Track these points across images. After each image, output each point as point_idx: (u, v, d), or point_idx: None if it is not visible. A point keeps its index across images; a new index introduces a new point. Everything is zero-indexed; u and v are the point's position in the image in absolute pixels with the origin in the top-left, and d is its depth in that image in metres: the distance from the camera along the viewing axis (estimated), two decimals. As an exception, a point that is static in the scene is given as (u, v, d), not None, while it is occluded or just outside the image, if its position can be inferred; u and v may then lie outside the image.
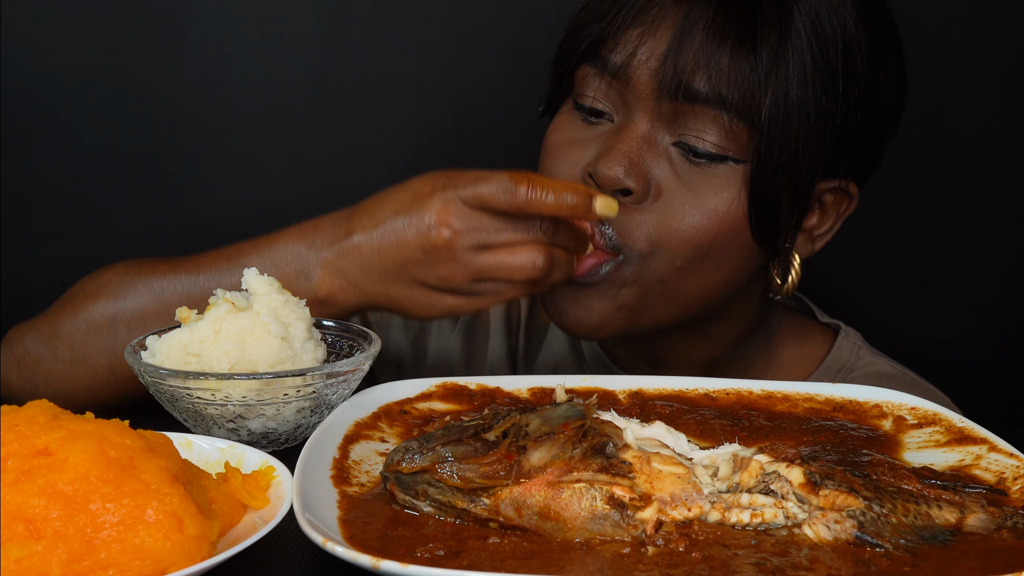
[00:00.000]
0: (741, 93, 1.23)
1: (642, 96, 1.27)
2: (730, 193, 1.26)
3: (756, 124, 1.24)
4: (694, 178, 1.26)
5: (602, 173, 1.26)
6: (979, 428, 1.10)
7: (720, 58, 1.23)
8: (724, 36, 1.23)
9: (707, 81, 1.23)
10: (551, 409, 0.98)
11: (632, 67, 1.27)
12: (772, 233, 1.30)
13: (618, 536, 0.90)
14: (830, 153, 1.29)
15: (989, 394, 1.95)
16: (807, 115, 1.25)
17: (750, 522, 0.92)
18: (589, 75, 1.32)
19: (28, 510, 0.82)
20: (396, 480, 0.94)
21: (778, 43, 1.24)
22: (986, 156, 1.92)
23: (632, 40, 1.27)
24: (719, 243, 1.27)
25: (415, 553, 0.86)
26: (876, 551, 0.89)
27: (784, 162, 1.25)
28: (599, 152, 1.29)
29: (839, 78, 1.26)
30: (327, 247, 1.28)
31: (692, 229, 1.26)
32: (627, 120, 1.29)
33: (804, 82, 1.24)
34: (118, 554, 0.82)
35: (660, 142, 1.28)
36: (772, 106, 1.23)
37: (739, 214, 1.27)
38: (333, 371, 1.13)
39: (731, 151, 1.25)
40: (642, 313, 1.32)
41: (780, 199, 1.28)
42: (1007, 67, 1.89)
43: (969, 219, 1.94)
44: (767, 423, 1.14)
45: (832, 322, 1.52)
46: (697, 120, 1.25)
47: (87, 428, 0.87)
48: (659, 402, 1.18)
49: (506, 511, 0.91)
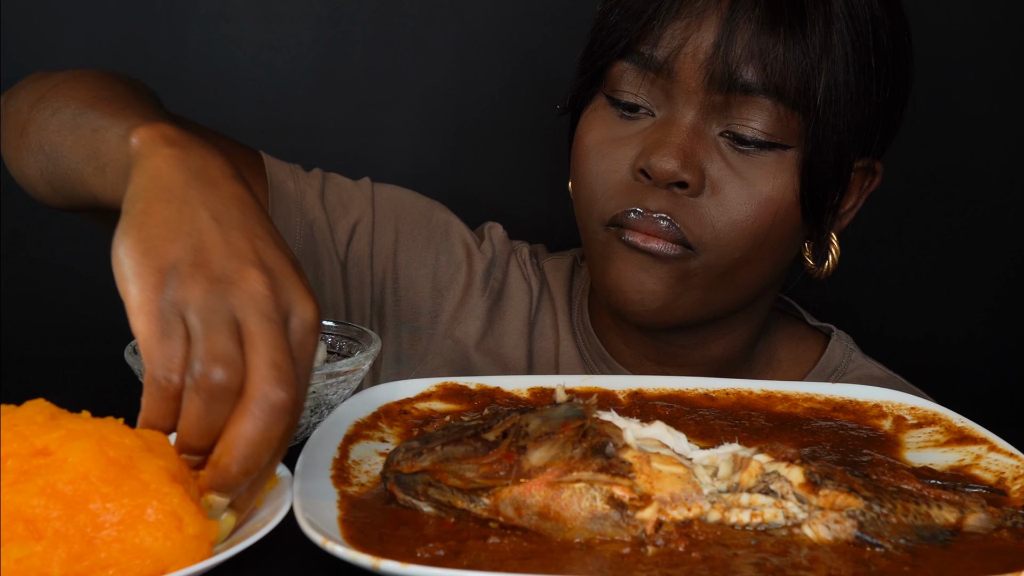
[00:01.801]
0: (797, 80, 1.24)
1: (689, 89, 1.26)
2: (783, 180, 1.27)
3: (811, 110, 1.25)
4: (745, 167, 1.27)
5: (657, 167, 1.25)
6: (979, 428, 1.10)
7: (775, 47, 1.23)
8: (776, 24, 1.23)
9: (761, 71, 1.24)
10: (551, 409, 0.98)
11: (678, 61, 1.26)
12: (819, 214, 1.32)
13: (618, 536, 0.90)
14: (866, 133, 1.31)
15: (989, 394, 1.95)
16: (851, 96, 1.27)
17: (750, 522, 0.92)
18: (627, 71, 1.30)
19: (28, 510, 0.81)
20: (396, 480, 0.94)
21: (824, 27, 1.25)
22: (984, 155, 1.92)
23: (676, 34, 1.26)
24: (775, 229, 1.28)
25: (415, 553, 0.86)
26: (876, 551, 0.89)
27: (835, 143, 1.27)
28: (646, 147, 1.28)
29: (872, 57, 1.28)
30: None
31: (751, 219, 1.27)
32: (673, 113, 1.28)
33: (847, 64, 1.26)
34: (118, 554, 0.81)
35: (708, 133, 1.28)
36: (825, 90, 1.25)
37: (792, 199, 1.28)
38: (333, 371, 1.13)
39: (779, 137, 1.26)
40: (701, 303, 1.33)
41: (828, 181, 1.29)
42: (1006, 66, 1.89)
43: (969, 219, 1.94)
44: (767, 423, 1.14)
45: (823, 326, 1.53)
46: (746, 109, 1.26)
47: (86, 428, 0.87)
48: (659, 402, 1.18)
49: (506, 511, 0.91)
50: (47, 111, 1.22)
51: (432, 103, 1.93)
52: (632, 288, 1.31)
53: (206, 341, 0.84)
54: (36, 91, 1.29)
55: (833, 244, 1.37)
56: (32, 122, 1.24)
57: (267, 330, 0.85)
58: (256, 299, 0.86)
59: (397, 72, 1.91)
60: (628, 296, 1.31)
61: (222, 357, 0.83)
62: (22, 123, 1.27)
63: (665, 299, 1.30)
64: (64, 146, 1.17)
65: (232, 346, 0.84)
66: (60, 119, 1.19)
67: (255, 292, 0.86)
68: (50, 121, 1.21)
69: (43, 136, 1.21)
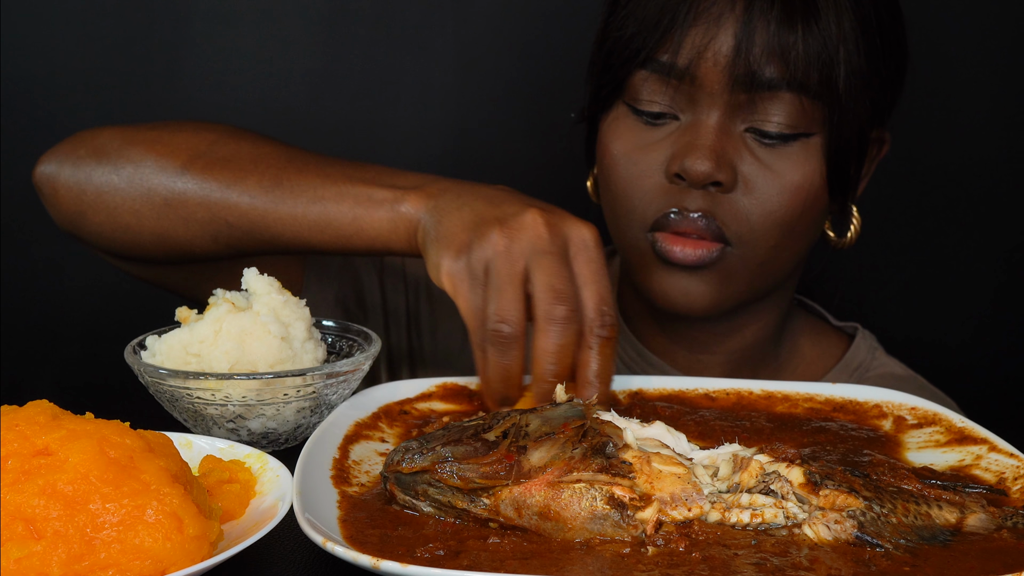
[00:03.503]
0: (819, 73, 1.27)
1: (714, 92, 1.29)
2: (809, 167, 1.31)
3: (834, 98, 1.28)
4: (773, 159, 1.30)
5: (693, 170, 1.28)
6: (979, 428, 1.10)
7: (794, 43, 1.26)
8: (792, 20, 1.26)
9: (784, 67, 1.26)
10: (551, 409, 0.98)
11: (701, 67, 1.28)
12: (843, 192, 1.36)
13: (618, 536, 0.90)
14: (878, 106, 1.36)
15: (989, 394, 1.95)
16: (865, 78, 1.30)
17: (750, 522, 0.92)
18: (649, 80, 1.32)
19: (28, 510, 0.82)
20: (396, 480, 0.94)
21: (836, 16, 1.28)
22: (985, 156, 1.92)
23: (695, 40, 1.28)
24: (805, 214, 1.33)
25: (415, 553, 0.86)
26: (876, 551, 0.89)
27: (856, 126, 1.31)
28: (678, 150, 1.30)
29: (877, 37, 1.31)
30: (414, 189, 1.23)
31: (783, 209, 1.31)
32: (699, 116, 1.31)
33: (859, 48, 1.29)
34: (118, 554, 0.82)
35: (734, 131, 1.31)
36: (846, 78, 1.28)
37: (819, 183, 1.32)
38: (333, 371, 1.13)
39: (802, 127, 1.30)
40: (745, 292, 1.37)
41: (851, 160, 1.33)
42: (1007, 68, 1.89)
43: (969, 220, 1.94)
44: (767, 424, 1.14)
45: (848, 325, 1.56)
46: (770, 104, 1.29)
47: (87, 428, 0.87)
48: (659, 403, 1.18)
49: (506, 511, 0.91)
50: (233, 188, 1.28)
51: (432, 103, 1.93)
52: (678, 294, 1.34)
53: (499, 297, 1.07)
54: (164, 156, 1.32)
55: (855, 215, 1.41)
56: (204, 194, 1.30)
57: (543, 262, 1.07)
58: (535, 240, 1.08)
59: (397, 72, 1.91)
60: (675, 301, 1.35)
61: (508, 309, 1.06)
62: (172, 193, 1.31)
63: (712, 299, 1.34)
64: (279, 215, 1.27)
65: (518, 295, 1.07)
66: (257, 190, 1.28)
67: (534, 233, 1.08)
68: (236, 195, 1.28)
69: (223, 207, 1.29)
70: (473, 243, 1.09)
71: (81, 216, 1.34)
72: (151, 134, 1.34)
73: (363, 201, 1.22)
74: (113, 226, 1.33)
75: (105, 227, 1.34)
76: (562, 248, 1.09)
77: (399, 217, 1.20)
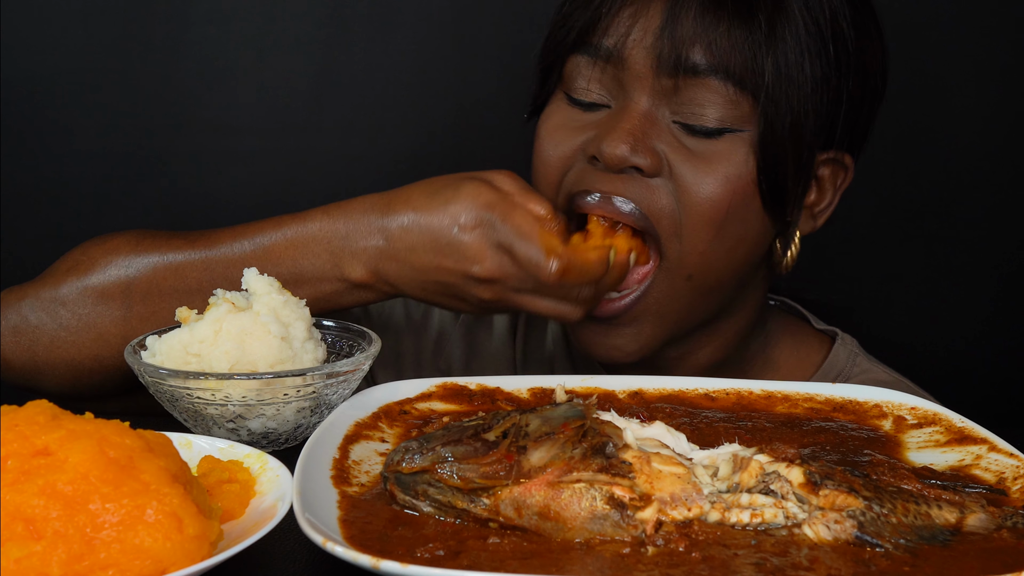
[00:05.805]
0: (743, 59, 1.25)
1: (639, 75, 1.28)
2: (738, 159, 1.28)
3: (760, 88, 1.26)
4: (701, 148, 1.28)
5: (607, 152, 1.27)
6: (979, 428, 1.10)
7: (719, 27, 1.24)
8: (720, 5, 1.25)
9: (707, 52, 1.25)
10: (551, 409, 0.98)
11: (627, 48, 1.28)
12: (780, 203, 1.31)
13: (618, 536, 0.90)
14: (828, 121, 1.31)
15: (989, 394, 1.95)
16: (806, 79, 1.27)
17: (750, 522, 0.92)
18: (581, 64, 1.32)
19: (28, 510, 0.82)
20: (396, 480, 0.94)
21: (773, 8, 1.26)
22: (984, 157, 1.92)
23: (624, 21, 1.28)
24: (733, 212, 1.28)
25: (415, 553, 0.86)
26: (876, 551, 0.89)
27: (788, 125, 1.27)
28: (598, 133, 1.30)
29: (830, 44, 1.29)
30: (361, 240, 1.28)
31: (710, 202, 1.27)
32: (626, 101, 1.30)
33: (800, 47, 1.27)
34: (118, 554, 0.81)
35: (661, 119, 1.29)
36: (775, 69, 1.26)
37: (749, 180, 1.28)
38: (333, 371, 1.13)
39: (731, 122, 1.27)
40: (673, 322, 1.34)
41: (787, 166, 1.29)
42: (1004, 68, 1.89)
43: (968, 220, 1.94)
44: (767, 424, 1.14)
45: (828, 329, 1.52)
46: (697, 93, 1.26)
47: (87, 428, 0.87)
48: (659, 404, 1.17)
49: (506, 511, 0.91)
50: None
51: (431, 102, 1.93)
52: (601, 350, 1.34)
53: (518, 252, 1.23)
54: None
55: (795, 241, 1.37)
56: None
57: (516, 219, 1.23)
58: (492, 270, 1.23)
59: (397, 71, 1.91)
60: (600, 355, 1.35)
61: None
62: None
63: (641, 345, 1.33)
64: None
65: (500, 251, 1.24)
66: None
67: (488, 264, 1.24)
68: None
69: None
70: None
71: (37, 372, 1.33)
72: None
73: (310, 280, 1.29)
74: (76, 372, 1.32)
75: (67, 376, 1.32)
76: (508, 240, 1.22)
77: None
